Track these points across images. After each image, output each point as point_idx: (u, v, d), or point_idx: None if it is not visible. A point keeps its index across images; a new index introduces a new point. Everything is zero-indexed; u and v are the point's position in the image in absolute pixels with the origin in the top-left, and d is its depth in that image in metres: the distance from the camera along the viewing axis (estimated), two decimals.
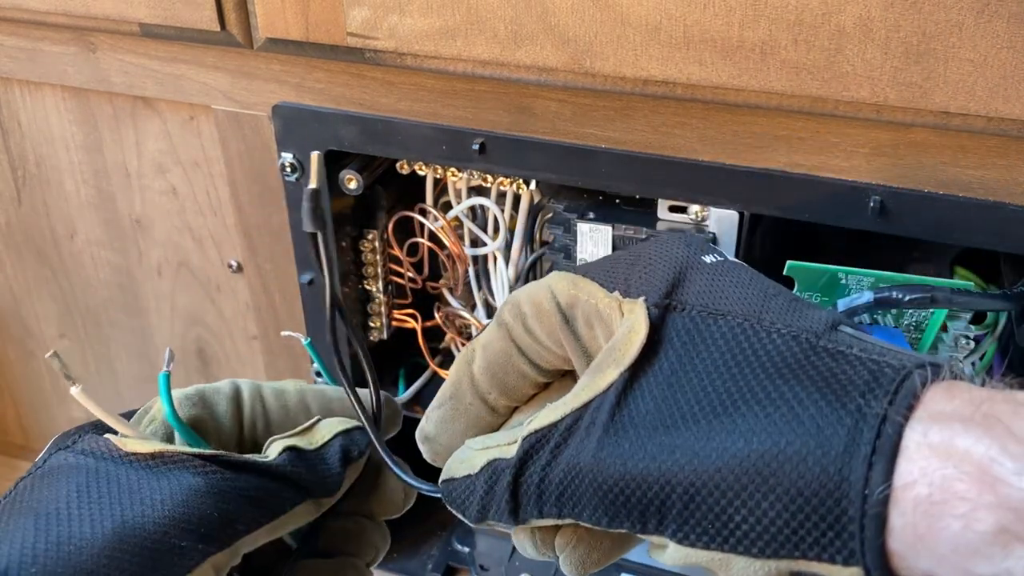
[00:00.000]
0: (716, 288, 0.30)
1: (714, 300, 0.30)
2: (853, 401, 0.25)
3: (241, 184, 0.58)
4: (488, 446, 0.32)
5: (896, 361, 0.26)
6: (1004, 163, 0.41)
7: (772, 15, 0.39)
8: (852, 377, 0.26)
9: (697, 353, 0.29)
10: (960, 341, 0.42)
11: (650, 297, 0.30)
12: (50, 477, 0.33)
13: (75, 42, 0.56)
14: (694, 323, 0.29)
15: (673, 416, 0.28)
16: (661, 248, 0.33)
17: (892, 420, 0.24)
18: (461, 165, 0.51)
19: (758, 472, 0.25)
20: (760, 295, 0.30)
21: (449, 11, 0.44)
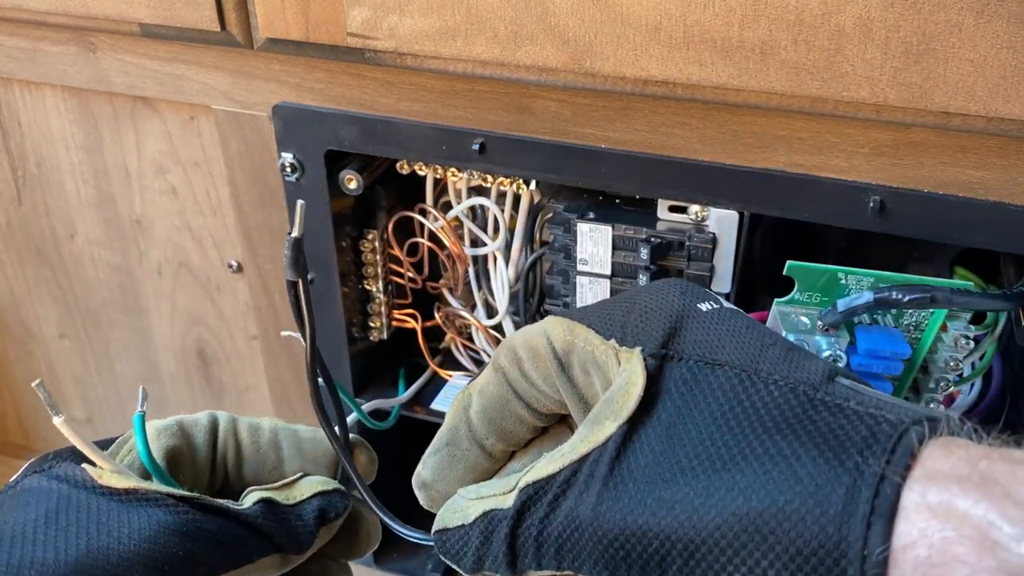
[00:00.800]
0: (712, 337, 0.30)
1: (711, 350, 0.30)
2: (851, 458, 0.25)
3: (241, 184, 0.58)
4: (483, 495, 0.32)
5: (893, 416, 0.26)
6: (1004, 163, 0.41)
7: (772, 15, 0.39)
8: (850, 432, 0.26)
9: (695, 405, 0.29)
10: (960, 341, 0.42)
11: (647, 347, 0.30)
12: (21, 498, 0.33)
13: (75, 42, 0.56)
14: (691, 373, 0.29)
15: (672, 470, 0.28)
16: (657, 295, 0.33)
17: (890, 480, 0.24)
18: (461, 165, 0.51)
19: (757, 530, 0.25)
20: (756, 344, 0.30)
21: (449, 11, 0.44)
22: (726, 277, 0.50)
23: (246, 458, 0.38)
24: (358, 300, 0.60)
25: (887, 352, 0.41)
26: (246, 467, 0.38)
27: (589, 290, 0.53)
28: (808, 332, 0.41)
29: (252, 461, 0.38)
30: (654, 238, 0.49)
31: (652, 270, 0.50)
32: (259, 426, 0.39)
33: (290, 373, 0.64)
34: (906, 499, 0.24)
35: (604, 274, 0.52)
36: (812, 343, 0.41)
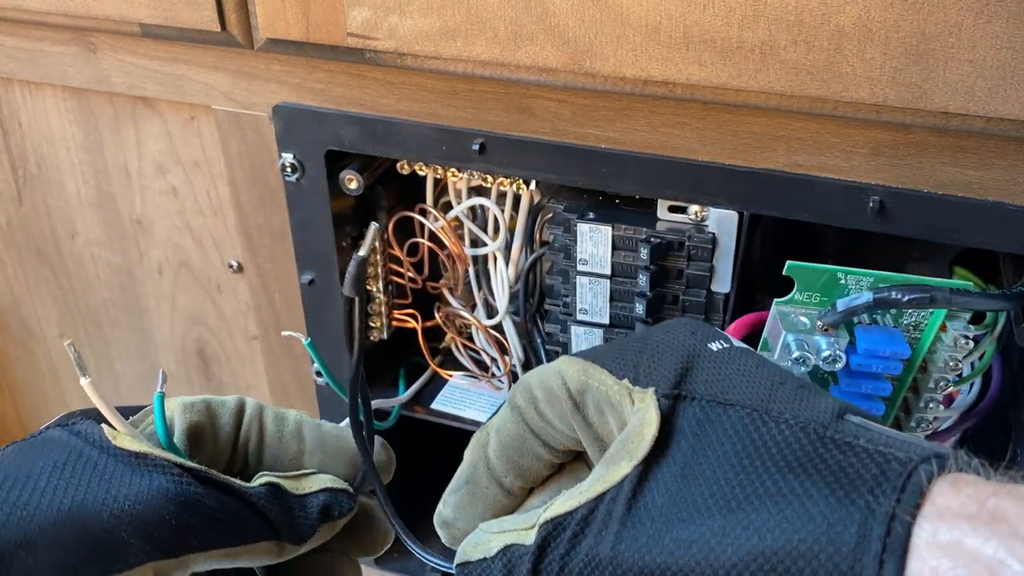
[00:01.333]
0: (724, 377, 0.31)
1: (722, 390, 0.30)
2: (862, 497, 0.26)
3: (241, 184, 0.58)
4: (505, 530, 0.33)
5: (903, 453, 0.26)
6: (1003, 163, 0.41)
7: (772, 16, 0.39)
8: (860, 471, 0.26)
9: (708, 445, 0.29)
10: (959, 341, 0.42)
11: (660, 387, 0.31)
12: (37, 447, 0.34)
13: (75, 42, 0.56)
14: (704, 413, 0.30)
15: (688, 510, 0.28)
16: (668, 335, 0.33)
17: (901, 518, 0.25)
18: (461, 165, 0.51)
19: (772, 568, 0.26)
20: (767, 384, 0.30)
21: (449, 11, 0.44)
22: (726, 277, 0.50)
23: (268, 445, 0.38)
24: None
25: (886, 352, 0.41)
26: (266, 454, 0.38)
27: (589, 290, 0.53)
28: (808, 332, 0.41)
29: (273, 449, 0.38)
30: (654, 238, 0.50)
31: (652, 270, 0.50)
32: (285, 416, 0.39)
33: (290, 373, 0.64)
34: (917, 537, 0.24)
35: (604, 274, 0.52)
36: (811, 343, 0.41)
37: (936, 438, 0.50)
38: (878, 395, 0.42)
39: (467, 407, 0.61)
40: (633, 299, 0.52)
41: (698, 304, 0.52)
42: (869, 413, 0.31)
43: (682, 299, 0.52)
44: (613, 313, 0.53)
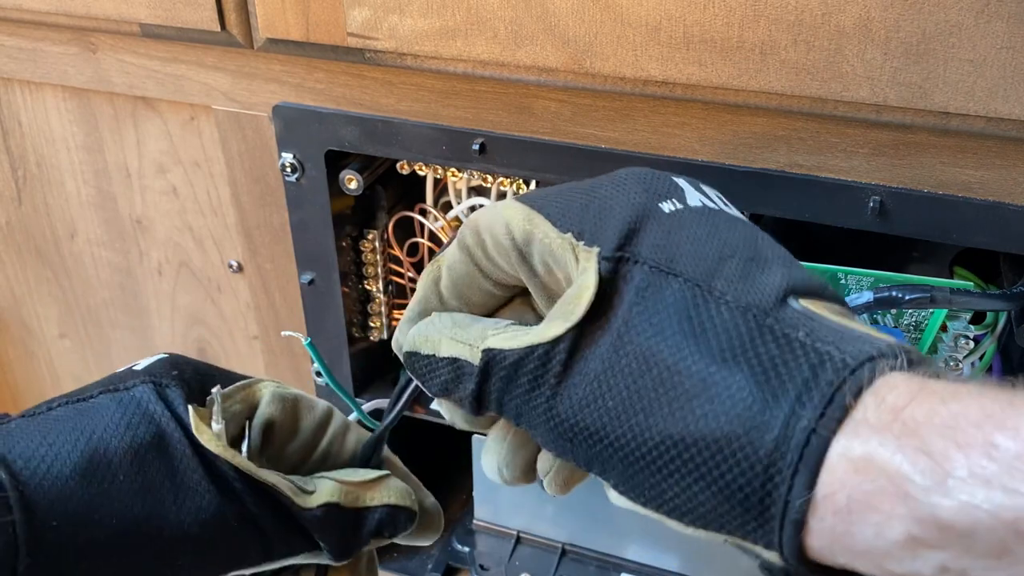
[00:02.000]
0: (671, 243, 0.30)
1: (668, 257, 0.30)
2: (789, 402, 0.26)
3: (242, 184, 0.58)
4: (457, 339, 0.33)
5: (840, 352, 0.26)
6: (1003, 163, 0.41)
7: (772, 15, 0.39)
8: (792, 371, 0.26)
9: (646, 316, 0.29)
10: (959, 341, 0.42)
11: (603, 248, 0.30)
12: (125, 408, 0.34)
13: (76, 42, 0.56)
14: (646, 280, 0.30)
15: (618, 383, 0.29)
16: (618, 190, 0.33)
17: (820, 433, 0.25)
18: (461, 165, 0.51)
19: (691, 458, 0.27)
20: (715, 256, 0.30)
21: (449, 11, 0.44)
22: None
23: (340, 461, 0.39)
24: (358, 300, 0.60)
25: None
26: (336, 463, 0.39)
27: None
28: None
29: (344, 464, 0.39)
30: None
31: None
32: (361, 440, 0.39)
33: (290, 372, 0.64)
34: (833, 451, 0.25)
35: None
36: None
37: None
38: None
39: None
40: None
41: None
42: (824, 286, 0.30)
43: None
44: None
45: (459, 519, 0.72)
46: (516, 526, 0.69)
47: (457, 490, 0.74)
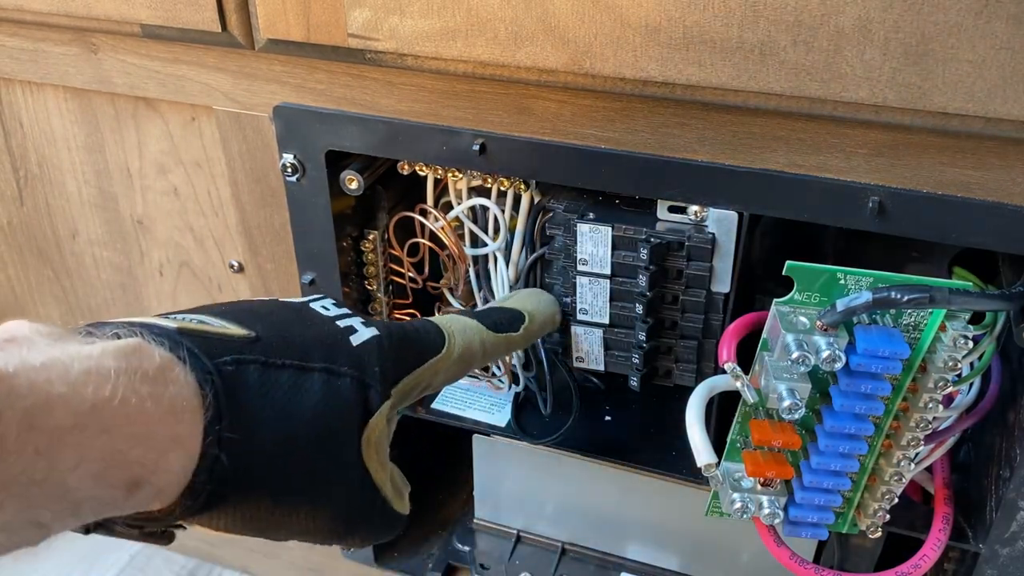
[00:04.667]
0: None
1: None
2: None
3: (242, 184, 0.58)
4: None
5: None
6: (1002, 164, 0.41)
7: (771, 16, 0.39)
8: None
9: None
10: (958, 341, 0.42)
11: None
12: (326, 406, 0.37)
13: (77, 43, 0.56)
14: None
15: None
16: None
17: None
18: (461, 166, 0.51)
19: None
20: None
21: (450, 12, 0.44)
22: (725, 277, 0.50)
23: None
24: (359, 300, 0.60)
25: (886, 352, 0.41)
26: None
27: (589, 290, 0.53)
28: (807, 332, 0.42)
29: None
30: (654, 238, 0.50)
31: (652, 270, 0.50)
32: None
33: None
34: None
35: (604, 274, 0.52)
36: (811, 343, 0.41)
37: (936, 438, 0.50)
38: (877, 395, 0.42)
39: (467, 407, 0.61)
40: (633, 299, 0.52)
41: (698, 304, 0.52)
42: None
43: (682, 299, 0.52)
44: (613, 313, 0.53)
45: (459, 519, 0.72)
46: (516, 525, 0.69)
47: (457, 490, 0.74)
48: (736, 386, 0.44)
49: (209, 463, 0.32)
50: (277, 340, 0.37)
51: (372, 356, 0.40)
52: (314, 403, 0.36)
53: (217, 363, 0.34)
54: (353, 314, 0.43)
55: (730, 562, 0.64)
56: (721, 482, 0.48)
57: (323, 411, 0.37)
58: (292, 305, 0.42)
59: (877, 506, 0.48)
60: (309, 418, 0.36)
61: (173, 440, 0.31)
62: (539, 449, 0.61)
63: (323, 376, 0.37)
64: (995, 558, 0.49)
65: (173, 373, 0.32)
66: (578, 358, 0.56)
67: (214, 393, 0.33)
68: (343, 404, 0.37)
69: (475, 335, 0.47)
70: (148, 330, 0.33)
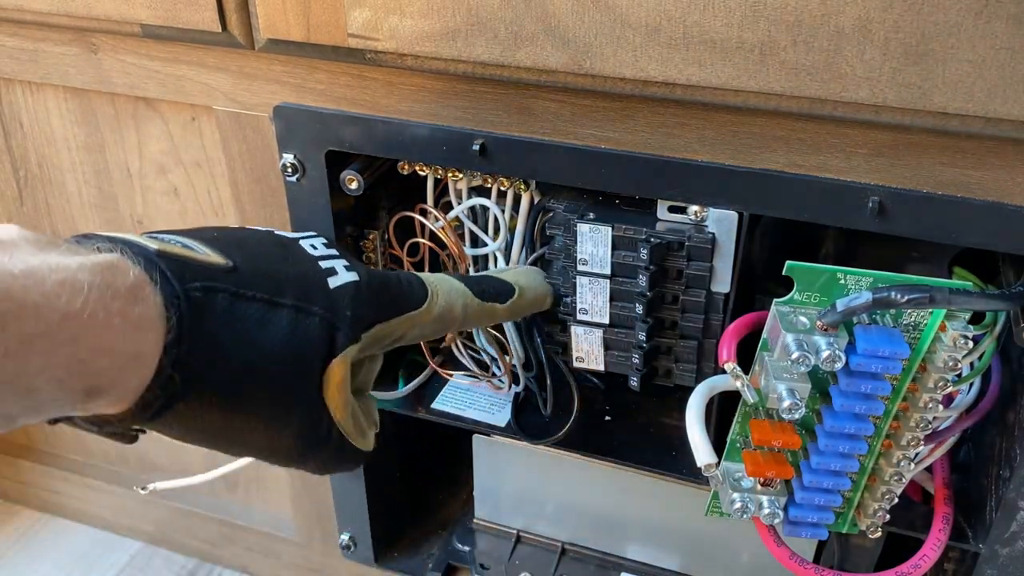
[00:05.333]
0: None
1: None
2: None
3: (243, 184, 0.58)
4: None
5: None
6: (1002, 164, 0.41)
7: (771, 16, 0.39)
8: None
9: None
10: (958, 341, 0.42)
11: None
12: (290, 340, 0.39)
13: (77, 43, 0.56)
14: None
15: None
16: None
17: None
18: (461, 166, 0.51)
19: None
20: None
21: (449, 12, 0.44)
22: (725, 277, 0.50)
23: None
24: None
25: (886, 352, 0.41)
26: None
27: (589, 290, 0.53)
28: (807, 332, 0.42)
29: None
30: (654, 238, 0.50)
31: (652, 270, 0.50)
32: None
33: None
34: None
35: (604, 274, 0.52)
36: (811, 343, 0.41)
37: (936, 438, 0.50)
38: (877, 395, 0.43)
39: (467, 407, 0.61)
40: (633, 299, 0.52)
41: (698, 304, 0.52)
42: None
43: (682, 299, 0.52)
44: (613, 313, 0.53)
45: (459, 519, 0.72)
46: (516, 525, 0.69)
47: (457, 490, 0.74)
48: (736, 386, 0.44)
49: (164, 380, 0.34)
50: (253, 272, 0.39)
51: (346, 299, 0.42)
52: (279, 337, 0.38)
53: (186, 287, 0.36)
54: (340, 256, 0.44)
55: (730, 562, 0.64)
56: (721, 482, 0.48)
57: (286, 346, 0.38)
58: (282, 240, 0.44)
59: (877, 506, 0.48)
60: (272, 351, 0.38)
61: (134, 356, 0.33)
62: (539, 449, 0.61)
63: (292, 312, 0.39)
64: (995, 558, 0.49)
65: (143, 292, 0.34)
66: (578, 358, 0.56)
67: (178, 316, 0.35)
68: (307, 342, 0.39)
69: (459, 298, 0.48)
70: (129, 247, 0.35)
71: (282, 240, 0.44)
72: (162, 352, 0.34)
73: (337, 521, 0.69)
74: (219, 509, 0.82)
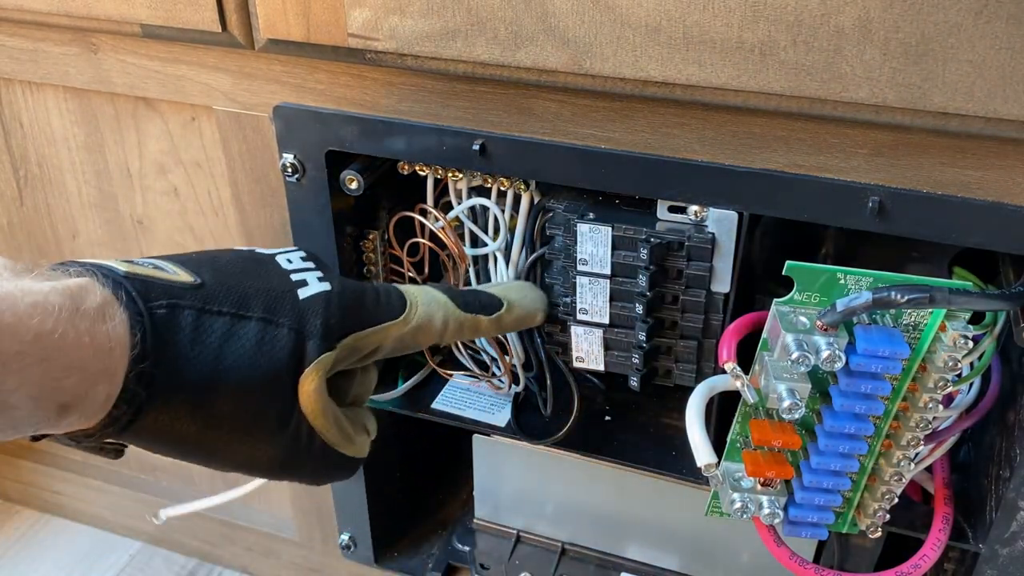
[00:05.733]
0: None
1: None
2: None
3: (243, 185, 0.58)
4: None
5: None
6: (1002, 163, 0.41)
7: (771, 16, 0.39)
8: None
9: None
10: (958, 341, 0.42)
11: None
12: (258, 351, 0.40)
13: (77, 43, 0.56)
14: None
15: None
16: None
17: None
18: (461, 166, 0.51)
19: None
20: None
21: (449, 12, 0.44)
22: (725, 277, 0.50)
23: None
24: None
25: (886, 352, 0.41)
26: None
27: (589, 290, 0.53)
28: (807, 332, 0.42)
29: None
30: (654, 238, 0.50)
31: (652, 270, 0.50)
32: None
33: None
34: None
35: (604, 274, 0.52)
36: (811, 343, 0.41)
37: (936, 438, 0.50)
38: (877, 395, 0.43)
39: (467, 407, 0.61)
40: (633, 299, 0.52)
41: (698, 304, 0.52)
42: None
43: (682, 299, 0.52)
44: (613, 313, 0.53)
45: (459, 519, 0.72)
46: (516, 525, 0.69)
47: (457, 490, 0.74)
48: (736, 386, 0.44)
49: (129, 396, 0.36)
50: (220, 288, 0.40)
51: (316, 309, 0.42)
52: (246, 349, 0.39)
53: (151, 306, 0.37)
54: (316, 268, 0.45)
55: (730, 562, 0.64)
56: (721, 482, 0.48)
57: (255, 357, 0.39)
58: (258, 256, 0.45)
59: (877, 506, 0.48)
60: (239, 363, 0.39)
61: (103, 372, 0.35)
62: (539, 449, 0.61)
63: (259, 325, 0.40)
64: (995, 558, 0.49)
65: (110, 311, 0.35)
66: (578, 358, 0.56)
67: (142, 333, 0.36)
68: (275, 352, 0.40)
69: (439, 309, 0.48)
70: (99, 271, 0.37)
71: (258, 256, 0.45)
72: (128, 367, 0.36)
73: (337, 521, 0.69)
74: (219, 509, 0.82)
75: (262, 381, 0.40)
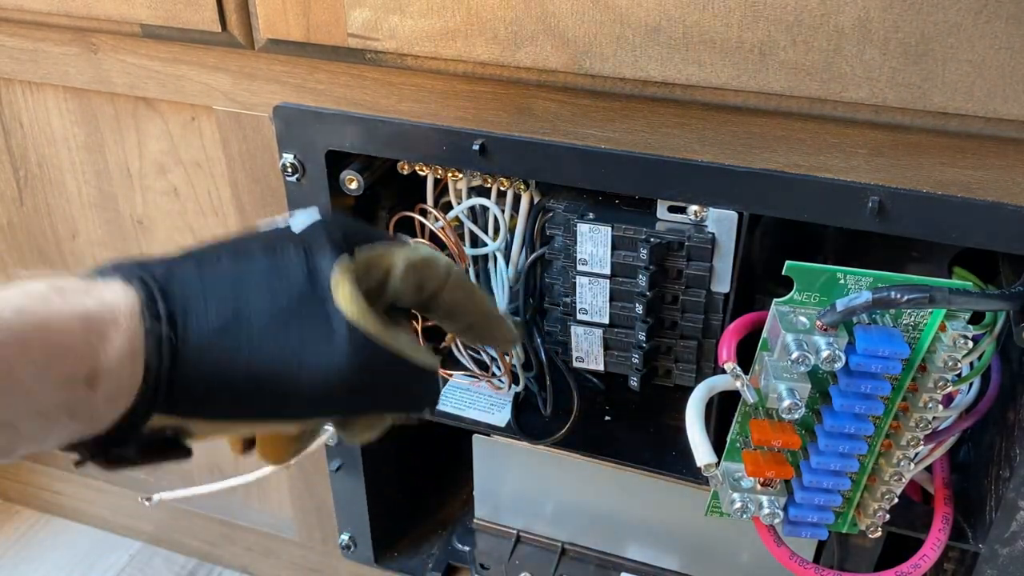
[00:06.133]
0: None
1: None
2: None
3: (242, 184, 0.58)
4: None
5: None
6: (1002, 163, 0.41)
7: (771, 16, 0.39)
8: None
9: None
10: (958, 341, 0.42)
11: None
12: (265, 264, 0.38)
13: (77, 43, 0.57)
14: None
15: None
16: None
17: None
18: (461, 166, 0.51)
19: None
20: None
21: (449, 12, 0.44)
22: (725, 277, 0.50)
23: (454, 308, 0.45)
24: None
25: (886, 352, 0.41)
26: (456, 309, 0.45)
27: (589, 290, 0.53)
28: (807, 332, 0.42)
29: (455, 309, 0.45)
30: (653, 238, 0.50)
31: (651, 270, 0.50)
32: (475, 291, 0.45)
33: None
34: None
35: (604, 274, 0.52)
36: (811, 343, 0.41)
37: (936, 438, 0.50)
38: (877, 395, 0.43)
39: (467, 407, 0.61)
40: (633, 299, 0.52)
41: (698, 304, 0.52)
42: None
43: (682, 299, 0.52)
44: (613, 313, 0.53)
45: (459, 519, 0.72)
46: (516, 525, 0.69)
47: (457, 490, 0.74)
48: (736, 386, 0.44)
49: (155, 341, 0.34)
50: (211, 246, 0.39)
51: (315, 231, 0.40)
52: (259, 280, 0.37)
53: (146, 267, 0.36)
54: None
55: (730, 562, 0.64)
56: (721, 482, 0.48)
57: (271, 283, 0.37)
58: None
59: (877, 506, 0.48)
60: (259, 296, 0.37)
61: (112, 324, 0.33)
62: (539, 449, 0.61)
63: (263, 256, 0.38)
64: (995, 558, 0.49)
65: (96, 282, 0.34)
66: (578, 358, 0.56)
67: (141, 282, 0.35)
68: (290, 274, 0.38)
69: (442, 256, 0.45)
70: (83, 269, 0.36)
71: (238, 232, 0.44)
72: (139, 313, 0.34)
73: (337, 521, 0.69)
74: (219, 509, 0.82)
75: (288, 304, 0.37)
